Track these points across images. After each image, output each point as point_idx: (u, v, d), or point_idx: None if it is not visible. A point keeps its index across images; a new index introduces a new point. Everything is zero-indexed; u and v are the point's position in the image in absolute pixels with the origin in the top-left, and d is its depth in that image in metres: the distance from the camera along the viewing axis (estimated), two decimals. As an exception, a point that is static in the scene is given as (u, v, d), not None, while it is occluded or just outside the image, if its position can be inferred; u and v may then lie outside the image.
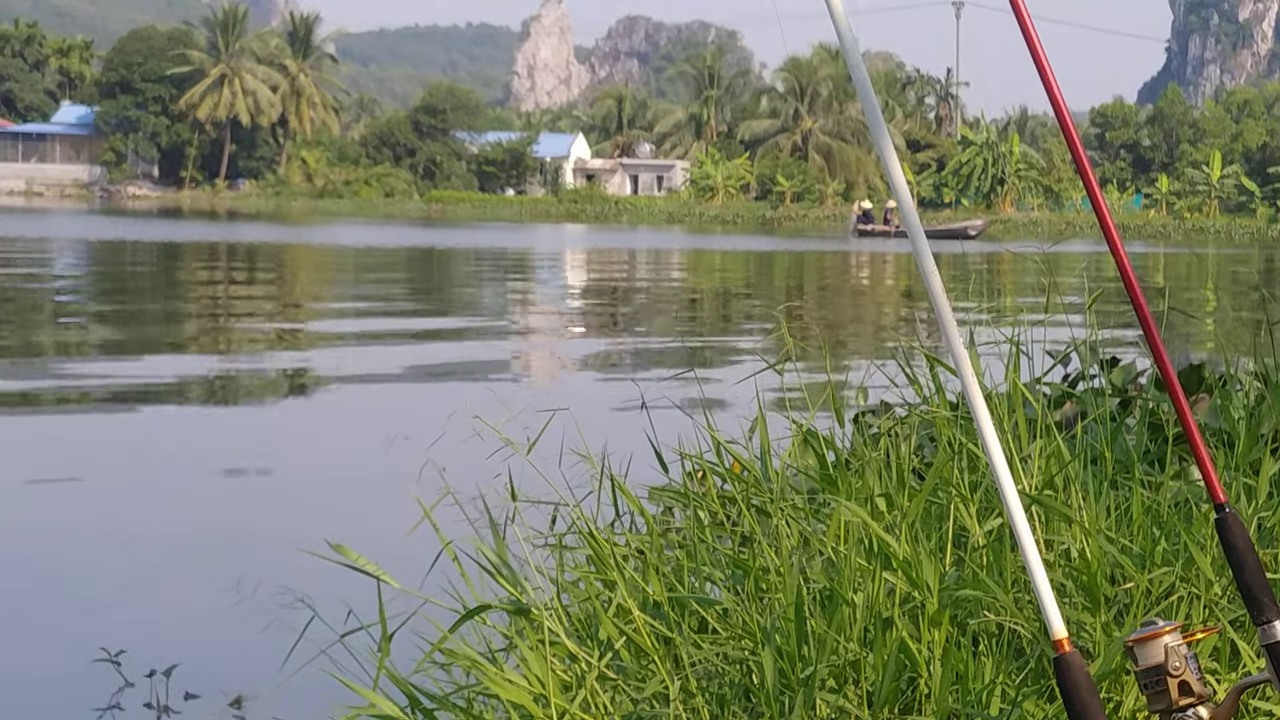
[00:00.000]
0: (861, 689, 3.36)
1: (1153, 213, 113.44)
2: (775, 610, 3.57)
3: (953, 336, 2.19)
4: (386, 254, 46.19)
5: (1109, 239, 2.20)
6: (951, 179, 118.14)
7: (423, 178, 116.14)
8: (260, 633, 4.78)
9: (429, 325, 23.26)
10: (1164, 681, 2.12)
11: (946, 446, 4.20)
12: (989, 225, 78.97)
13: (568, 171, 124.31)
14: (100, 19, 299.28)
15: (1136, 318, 2.22)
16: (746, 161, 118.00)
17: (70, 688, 5.75)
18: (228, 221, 73.84)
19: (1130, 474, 4.20)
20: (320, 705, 4.03)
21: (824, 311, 25.94)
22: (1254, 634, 3.32)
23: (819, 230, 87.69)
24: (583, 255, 50.69)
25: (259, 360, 17.93)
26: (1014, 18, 2.15)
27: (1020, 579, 3.60)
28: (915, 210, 2.23)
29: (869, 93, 2.21)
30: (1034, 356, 5.08)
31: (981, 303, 6.49)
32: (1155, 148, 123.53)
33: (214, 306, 25.59)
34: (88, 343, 19.31)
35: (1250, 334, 5.94)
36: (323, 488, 9.91)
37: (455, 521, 4.04)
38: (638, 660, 3.64)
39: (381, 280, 35.23)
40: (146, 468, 10.53)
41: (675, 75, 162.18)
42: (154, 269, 37.40)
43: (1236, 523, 2.23)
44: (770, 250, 55.85)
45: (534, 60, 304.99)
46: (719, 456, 4.79)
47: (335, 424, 12.88)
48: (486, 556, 3.95)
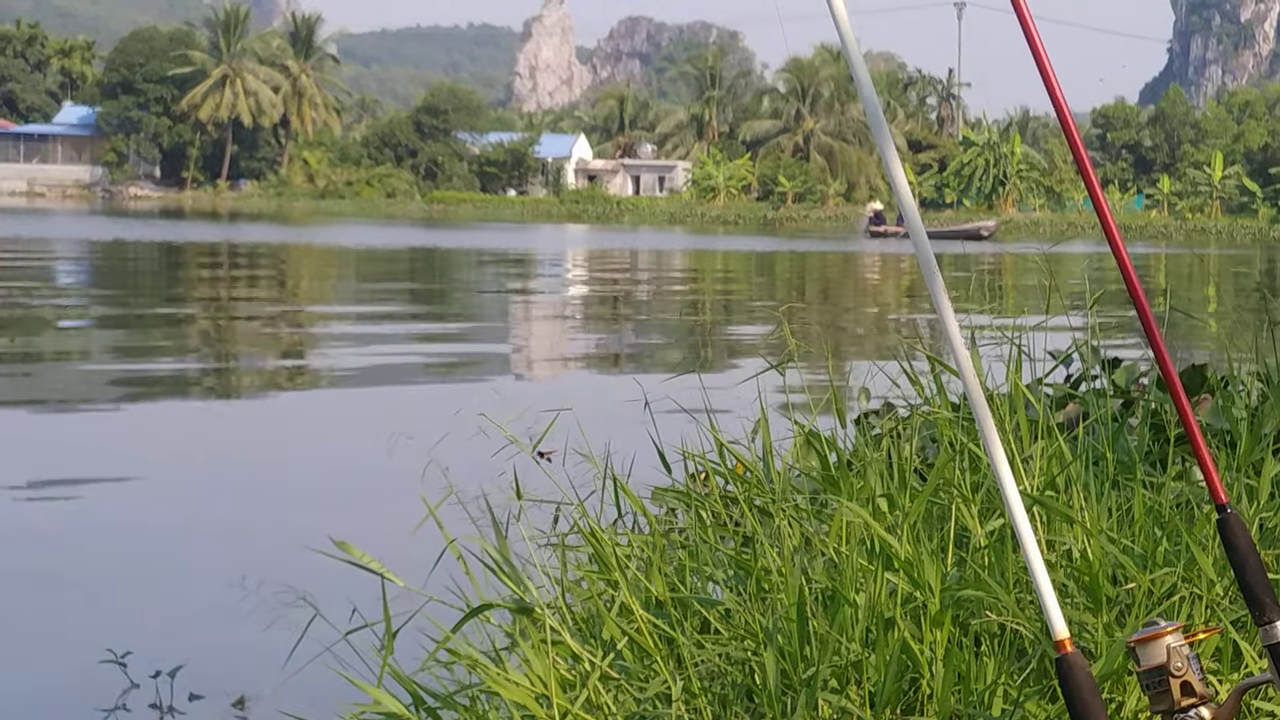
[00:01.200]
0: (863, 689, 3.37)
1: (1154, 213, 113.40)
2: (777, 611, 3.58)
3: (954, 337, 2.19)
4: (389, 254, 46.20)
5: (1111, 240, 2.21)
6: (953, 179, 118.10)
7: (424, 178, 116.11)
8: (264, 631, 4.79)
9: (432, 325, 23.27)
10: (1166, 682, 2.13)
11: (948, 447, 4.20)
12: (1000, 225, 78.77)
13: (569, 172, 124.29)
14: (102, 19, 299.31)
15: (1138, 318, 2.22)
16: (748, 162, 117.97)
17: (76, 689, 5.75)
18: (229, 222, 73.83)
19: (1132, 474, 4.21)
20: (324, 703, 4.04)
21: (837, 313, 25.95)
22: (1256, 634, 3.33)
23: (825, 231, 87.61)
24: (585, 255, 50.69)
25: (262, 359, 17.94)
26: (1016, 18, 2.15)
27: (1022, 579, 3.61)
28: (917, 211, 2.24)
29: (871, 93, 2.22)
30: (1036, 357, 5.09)
31: (984, 304, 6.49)
32: (1157, 148, 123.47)
33: (216, 306, 25.60)
34: (89, 343, 19.32)
35: (1252, 334, 5.94)
36: (327, 486, 9.91)
37: (459, 520, 4.04)
38: (640, 660, 3.65)
39: (384, 280, 35.23)
40: (148, 467, 10.53)
41: (677, 76, 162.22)
42: (155, 269, 37.40)
43: (1238, 523, 2.23)
44: (783, 251, 55.77)
45: (536, 61, 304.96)
46: (721, 457, 4.79)
47: (339, 422, 12.88)
48: (490, 555, 3.96)
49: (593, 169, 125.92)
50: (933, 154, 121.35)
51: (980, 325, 5.28)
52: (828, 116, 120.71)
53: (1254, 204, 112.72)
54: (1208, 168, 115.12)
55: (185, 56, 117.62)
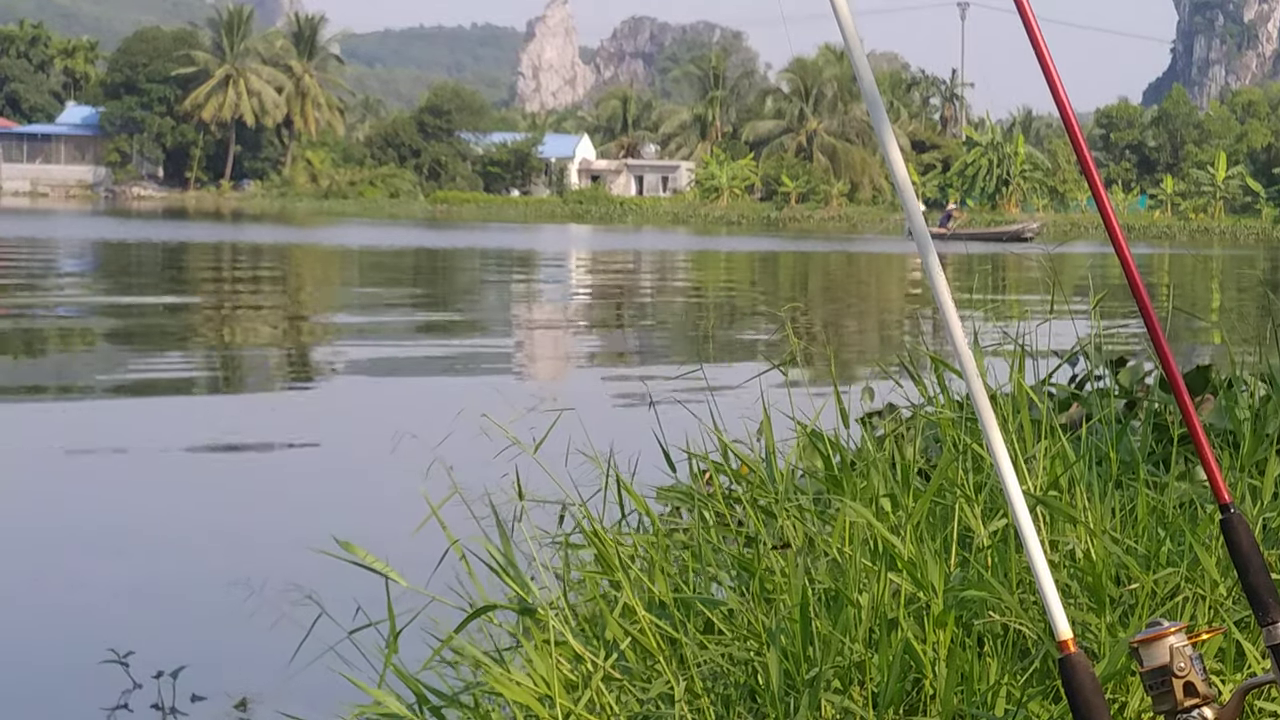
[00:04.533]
0: (866, 690, 3.37)
1: (1157, 214, 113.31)
2: (780, 611, 3.58)
3: (958, 338, 2.19)
4: (393, 254, 46.20)
5: (1114, 240, 2.21)
6: (956, 180, 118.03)
7: (428, 178, 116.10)
8: (267, 631, 4.80)
9: (435, 325, 23.28)
10: (1169, 682, 2.13)
11: (952, 447, 4.20)
12: (1044, 227, 78.14)
13: (572, 172, 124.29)
14: (105, 20, 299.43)
15: (1141, 318, 2.22)
16: (751, 162, 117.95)
17: (78, 689, 5.75)
18: (232, 223, 73.85)
19: (1135, 475, 4.21)
20: (327, 703, 4.04)
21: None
22: (1259, 635, 3.32)
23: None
24: (590, 256, 50.69)
25: (266, 359, 17.94)
26: (1019, 18, 2.15)
27: (1025, 580, 3.61)
28: (920, 211, 2.24)
29: (874, 93, 2.22)
30: (1039, 358, 5.09)
31: (986, 305, 6.49)
32: (1160, 148, 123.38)
33: (220, 305, 25.60)
34: (92, 341, 19.32)
35: (1255, 334, 5.93)
36: (330, 486, 9.92)
37: (462, 520, 4.04)
38: (643, 660, 3.65)
39: (388, 281, 35.23)
40: (151, 466, 10.53)
41: (680, 76, 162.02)
42: (159, 269, 37.41)
43: (1242, 523, 2.23)
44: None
45: (539, 61, 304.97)
46: (725, 457, 4.79)
47: (342, 422, 12.89)
48: (493, 555, 3.96)
49: (596, 169, 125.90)
50: (936, 154, 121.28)
51: (987, 325, 5.28)
52: (831, 117, 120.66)
53: (1257, 204, 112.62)
54: (1211, 168, 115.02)
55: (188, 56, 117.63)
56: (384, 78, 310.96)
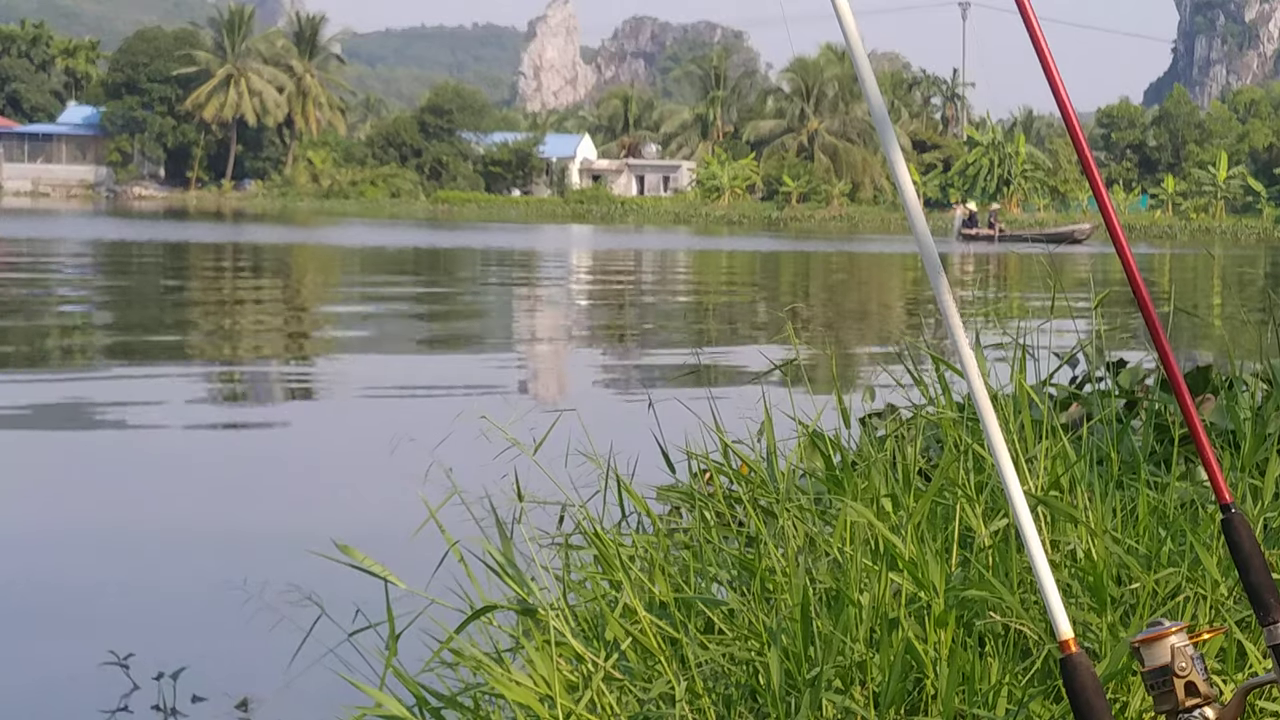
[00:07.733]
0: (867, 690, 3.36)
1: (1158, 213, 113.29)
2: (781, 611, 3.58)
3: (959, 338, 2.19)
4: (394, 254, 46.21)
5: (1115, 240, 2.21)
6: (957, 179, 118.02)
7: (429, 178, 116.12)
8: (267, 633, 4.79)
9: (435, 326, 23.28)
10: (1170, 682, 2.12)
11: (953, 448, 4.20)
12: (1095, 229, 77.73)
13: (574, 172, 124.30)
14: (106, 19, 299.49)
15: (1142, 319, 2.22)
16: (752, 162, 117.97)
17: (78, 690, 5.75)
18: (234, 223, 73.87)
19: (1136, 475, 4.20)
20: (327, 705, 4.04)
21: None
22: (1260, 634, 3.32)
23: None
24: (592, 256, 50.69)
25: (265, 362, 17.94)
26: (1020, 18, 2.15)
27: (1026, 580, 3.60)
28: (921, 211, 2.23)
29: (875, 93, 2.21)
30: (1041, 358, 5.08)
31: (986, 306, 6.49)
32: (1161, 148, 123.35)
33: (220, 307, 25.60)
34: (92, 345, 19.32)
35: (1256, 335, 5.93)
36: (329, 488, 9.91)
37: (462, 521, 4.04)
38: (644, 661, 3.64)
39: (388, 281, 35.23)
40: (152, 468, 10.53)
41: (681, 76, 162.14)
42: (159, 271, 37.42)
43: (1242, 523, 2.23)
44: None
45: (540, 61, 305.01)
46: (725, 457, 4.79)
47: (341, 424, 12.89)
48: (493, 556, 3.95)
49: (597, 169, 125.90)
50: (937, 154, 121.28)
51: (989, 325, 5.27)
52: (832, 116, 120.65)
53: (1258, 204, 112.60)
54: (1212, 168, 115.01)
55: (190, 56, 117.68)
56: (385, 77, 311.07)
